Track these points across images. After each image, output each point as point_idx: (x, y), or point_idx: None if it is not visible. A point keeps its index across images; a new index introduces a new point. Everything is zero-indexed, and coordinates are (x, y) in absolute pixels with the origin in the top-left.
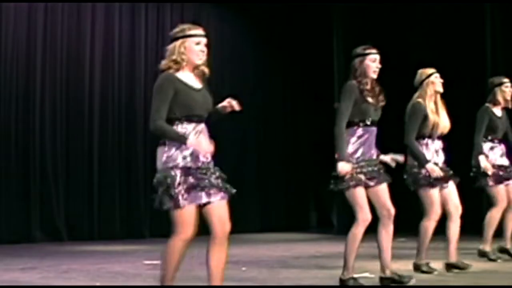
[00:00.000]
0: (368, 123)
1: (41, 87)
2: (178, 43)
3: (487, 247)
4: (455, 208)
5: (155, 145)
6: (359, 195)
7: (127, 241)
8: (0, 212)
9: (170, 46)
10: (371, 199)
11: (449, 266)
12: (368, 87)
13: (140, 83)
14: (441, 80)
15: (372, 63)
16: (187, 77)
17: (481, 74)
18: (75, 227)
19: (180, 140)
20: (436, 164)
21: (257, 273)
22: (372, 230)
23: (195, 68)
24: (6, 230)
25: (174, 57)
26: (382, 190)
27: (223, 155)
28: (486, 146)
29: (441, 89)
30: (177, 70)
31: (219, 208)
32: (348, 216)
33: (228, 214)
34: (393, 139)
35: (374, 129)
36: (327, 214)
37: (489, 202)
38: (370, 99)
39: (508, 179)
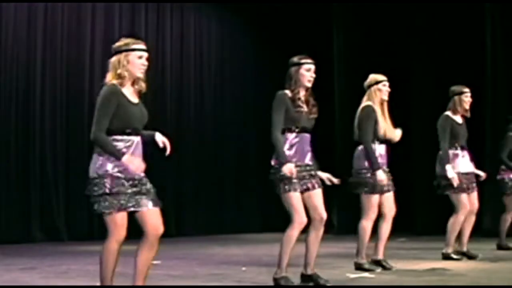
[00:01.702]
0: (299, 130)
1: (41, 87)
2: (121, 56)
3: (450, 250)
4: (389, 210)
5: (155, 145)
6: (295, 199)
7: (127, 241)
8: (0, 212)
9: (113, 60)
10: (305, 202)
11: (375, 263)
12: (302, 95)
13: None
14: (388, 89)
15: (307, 72)
16: (128, 91)
17: (481, 74)
18: (75, 227)
19: (116, 155)
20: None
21: (257, 273)
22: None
23: (134, 82)
24: (6, 230)
25: (119, 71)
26: (316, 195)
27: (224, 155)
28: (450, 153)
29: (386, 98)
30: (121, 84)
31: (151, 215)
32: (348, 217)
33: (161, 219)
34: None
35: (307, 136)
36: (327, 214)
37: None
38: (302, 108)
39: (470, 187)
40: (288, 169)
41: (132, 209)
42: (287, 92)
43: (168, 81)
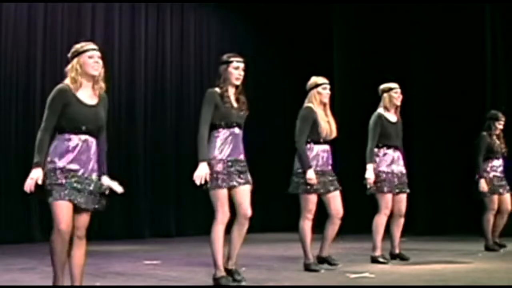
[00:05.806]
0: (230, 125)
1: (41, 87)
2: (74, 61)
3: (376, 253)
4: (336, 212)
5: (156, 145)
6: (221, 195)
7: (127, 241)
8: (0, 212)
9: (69, 66)
10: (232, 198)
11: (320, 260)
12: (231, 92)
13: (140, 82)
14: (329, 92)
15: (235, 70)
16: (84, 93)
17: (481, 74)
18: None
19: (35, 161)
20: (319, 170)
21: (257, 273)
22: (365, 230)
23: (94, 82)
24: (6, 230)
25: (72, 75)
26: (243, 191)
27: None
28: (380, 152)
29: (326, 100)
30: (76, 87)
31: (82, 216)
32: (348, 217)
33: (88, 223)
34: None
35: (239, 132)
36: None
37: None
38: (232, 104)
39: (398, 187)
40: (200, 173)
41: (73, 201)
42: (217, 89)
43: (168, 81)
